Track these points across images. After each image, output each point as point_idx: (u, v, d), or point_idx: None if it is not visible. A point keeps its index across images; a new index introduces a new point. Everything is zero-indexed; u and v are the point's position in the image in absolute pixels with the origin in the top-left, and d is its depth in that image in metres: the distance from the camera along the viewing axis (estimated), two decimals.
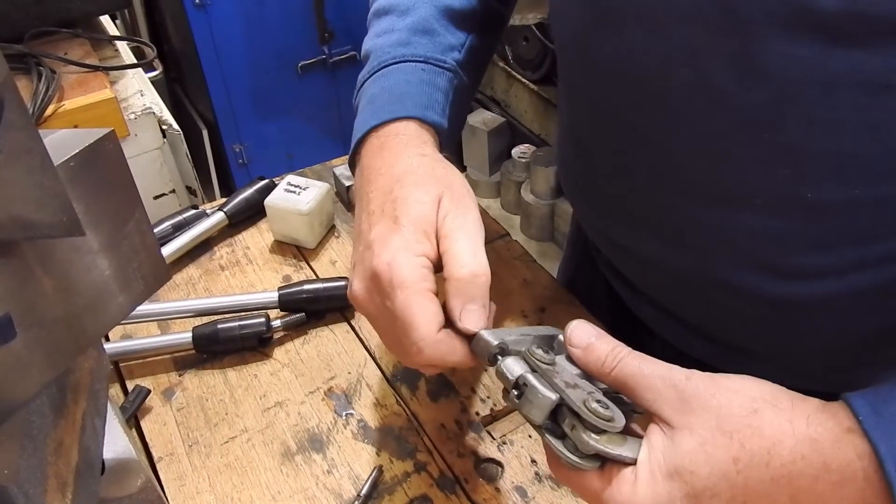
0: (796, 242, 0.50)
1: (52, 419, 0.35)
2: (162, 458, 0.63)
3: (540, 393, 0.42)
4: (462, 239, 0.48)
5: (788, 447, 0.39)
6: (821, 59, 0.41)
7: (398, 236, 0.48)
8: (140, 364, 0.71)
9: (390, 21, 0.64)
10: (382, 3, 0.65)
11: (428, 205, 0.49)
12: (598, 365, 0.44)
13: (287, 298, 0.73)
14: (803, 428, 0.39)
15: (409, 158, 0.53)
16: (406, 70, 0.60)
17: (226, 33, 2.05)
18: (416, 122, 0.56)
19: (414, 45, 0.61)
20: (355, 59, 2.25)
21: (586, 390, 0.42)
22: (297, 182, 0.82)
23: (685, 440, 0.40)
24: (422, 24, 0.62)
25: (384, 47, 0.62)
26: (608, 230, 0.64)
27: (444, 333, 0.46)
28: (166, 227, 0.82)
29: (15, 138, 0.26)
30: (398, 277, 0.46)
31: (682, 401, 0.41)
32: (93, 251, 0.34)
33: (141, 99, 1.17)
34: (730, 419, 0.40)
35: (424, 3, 0.63)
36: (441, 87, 0.60)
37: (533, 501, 0.58)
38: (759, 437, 0.40)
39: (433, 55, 0.61)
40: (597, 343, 0.44)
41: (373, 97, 0.59)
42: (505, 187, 2.49)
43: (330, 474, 0.61)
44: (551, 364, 0.44)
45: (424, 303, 0.46)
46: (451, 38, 0.63)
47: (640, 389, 0.42)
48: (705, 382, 0.42)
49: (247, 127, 2.24)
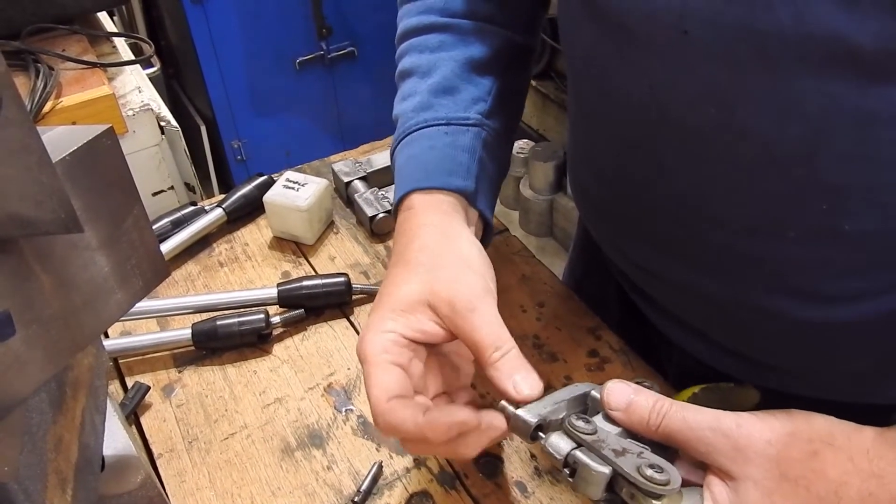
0: (831, 269, 0.49)
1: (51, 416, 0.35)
2: (162, 455, 0.63)
3: (593, 469, 0.42)
4: (476, 320, 0.48)
5: (855, 487, 0.39)
6: (857, 96, 0.40)
7: (374, 315, 0.50)
8: (139, 361, 0.71)
9: (413, 84, 0.63)
10: (406, 65, 0.65)
11: (411, 285, 0.50)
12: (642, 424, 0.44)
13: (286, 295, 0.73)
14: (866, 465, 0.40)
15: (410, 234, 0.54)
16: (430, 136, 0.60)
17: (223, 29, 2.05)
18: (434, 192, 0.56)
19: (435, 107, 0.61)
20: (353, 54, 2.25)
21: (635, 453, 0.42)
22: (295, 178, 0.82)
23: (750, 492, 0.40)
24: (443, 83, 0.62)
25: (407, 112, 0.62)
26: (630, 252, 0.63)
27: (393, 401, 0.46)
28: (165, 223, 0.82)
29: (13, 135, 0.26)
30: (362, 353, 0.48)
31: (737, 450, 0.41)
32: (91, 248, 0.34)
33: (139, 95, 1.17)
34: (791, 464, 0.40)
35: (443, 60, 0.63)
36: (466, 147, 0.59)
37: (533, 496, 0.58)
38: (824, 481, 0.40)
39: (455, 115, 0.60)
40: (637, 401, 0.44)
41: (400, 167, 0.60)
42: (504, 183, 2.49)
43: (330, 470, 0.61)
44: (593, 433, 0.44)
45: (378, 374, 0.47)
46: (474, 90, 0.62)
47: (691, 443, 0.43)
48: (758, 427, 0.42)
49: (245, 123, 2.24)
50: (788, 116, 0.43)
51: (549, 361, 0.69)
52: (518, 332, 0.71)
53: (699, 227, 0.53)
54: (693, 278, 0.56)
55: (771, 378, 0.59)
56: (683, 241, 0.55)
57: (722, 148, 0.47)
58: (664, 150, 0.51)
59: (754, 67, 0.42)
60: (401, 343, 0.49)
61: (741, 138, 0.45)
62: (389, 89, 0.68)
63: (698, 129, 0.47)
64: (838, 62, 0.39)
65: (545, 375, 0.67)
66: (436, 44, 0.64)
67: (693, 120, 0.47)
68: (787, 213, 0.47)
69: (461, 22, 0.64)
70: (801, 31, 0.39)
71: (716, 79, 0.44)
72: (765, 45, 0.41)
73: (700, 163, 0.49)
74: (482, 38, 0.64)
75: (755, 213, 0.48)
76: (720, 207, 0.50)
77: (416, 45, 0.65)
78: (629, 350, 0.69)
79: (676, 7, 0.43)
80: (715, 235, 0.52)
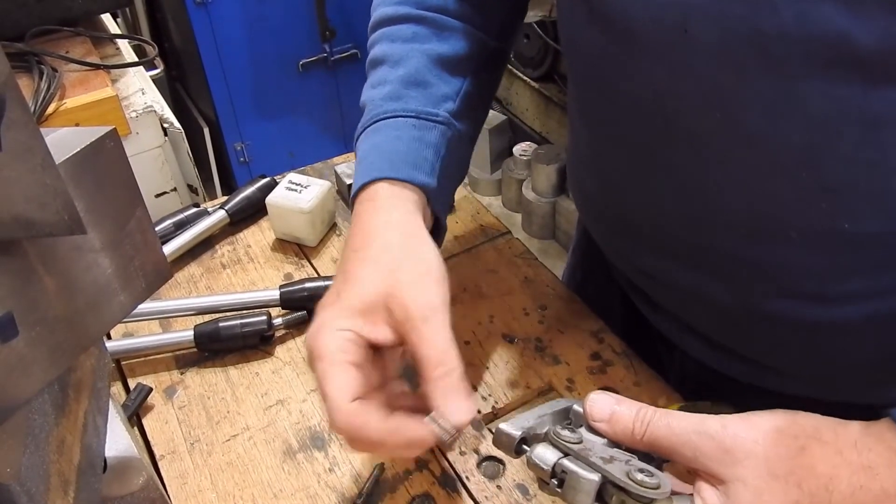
0: (834, 271, 0.49)
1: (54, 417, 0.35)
2: (164, 457, 0.63)
3: (581, 477, 0.42)
4: (427, 332, 0.47)
5: (846, 480, 0.39)
6: (861, 97, 0.40)
7: (330, 311, 0.49)
8: (142, 362, 0.71)
9: (384, 72, 0.62)
10: (377, 53, 0.64)
11: (371, 285, 0.49)
12: (627, 434, 0.44)
13: (289, 296, 0.73)
14: (854, 457, 0.40)
15: (371, 229, 0.53)
16: (397, 126, 0.59)
17: (227, 31, 2.05)
18: (398, 184, 0.55)
19: (405, 98, 0.60)
20: (356, 57, 2.25)
21: (623, 460, 0.42)
22: (298, 180, 0.82)
23: (740, 493, 0.40)
24: (414, 75, 0.60)
25: (376, 100, 0.61)
26: (632, 255, 0.63)
27: (356, 404, 0.46)
28: (168, 225, 0.82)
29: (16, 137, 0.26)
30: (317, 350, 0.48)
31: (724, 451, 0.41)
32: (94, 249, 0.34)
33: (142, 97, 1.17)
34: (779, 462, 0.40)
35: (416, 52, 0.61)
36: (432, 144, 0.58)
37: (535, 499, 0.58)
38: (814, 476, 0.40)
39: (424, 109, 0.59)
40: (620, 411, 0.44)
41: (364, 155, 0.58)
42: (506, 185, 2.49)
43: (332, 472, 0.61)
44: (579, 442, 0.44)
45: (337, 373, 0.46)
46: (444, 87, 0.61)
47: (677, 448, 0.42)
48: (743, 427, 0.41)
49: (248, 125, 2.24)
50: (792, 118, 0.43)
51: (551, 364, 0.69)
52: (521, 334, 0.71)
53: (702, 230, 0.52)
54: (694, 280, 0.56)
55: (772, 379, 0.59)
56: (685, 244, 0.55)
57: (725, 151, 0.47)
58: (668, 153, 0.51)
59: (757, 69, 0.42)
60: (358, 343, 0.48)
61: (745, 141, 0.45)
62: None
63: (702, 133, 0.47)
64: (842, 63, 0.39)
65: (547, 378, 0.67)
66: (409, 35, 0.63)
67: (697, 123, 0.47)
68: (790, 214, 0.47)
69: (436, 16, 0.63)
70: (805, 32, 0.39)
71: (719, 81, 0.44)
72: (768, 46, 0.41)
73: (704, 166, 0.49)
74: (456, 35, 0.63)
75: (758, 215, 0.48)
76: (723, 210, 0.50)
77: (389, 34, 0.64)
78: (631, 353, 0.69)
79: (679, 7, 0.43)
80: (718, 238, 0.52)
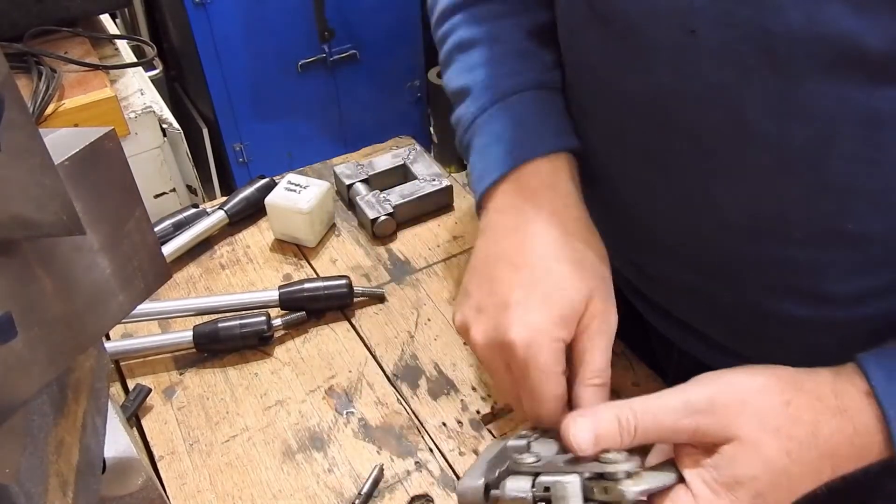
0: (836, 270, 0.49)
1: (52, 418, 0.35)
2: (163, 457, 0.63)
3: (565, 482, 0.42)
4: (600, 348, 0.50)
5: (826, 423, 0.42)
6: (866, 97, 0.40)
7: (542, 317, 0.49)
8: (141, 363, 0.71)
9: (482, 53, 0.61)
10: (462, 36, 0.62)
11: (579, 295, 0.50)
12: (619, 447, 0.44)
13: (287, 297, 0.73)
14: (832, 401, 0.42)
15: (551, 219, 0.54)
16: (528, 100, 0.58)
17: (226, 32, 2.05)
18: (555, 159, 0.56)
19: (524, 73, 0.59)
20: (355, 57, 2.25)
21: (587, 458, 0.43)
22: (297, 181, 0.82)
23: (737, 451, 0.42)
24: (520, 50, 0.60)
25: (491, 79, 0.59)
26: (631, 255, 0.63)
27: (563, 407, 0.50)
28: (167, 225, 0.82)
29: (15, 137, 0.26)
30: (534, 360, 0.49)
31: (715, 418, 0.42)
32: (93, 250, 0.34)
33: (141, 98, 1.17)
34: (770, 417, 0.42)
35: (510, 27, 0.61)
36: (563, 110, 0.59)
37: None
38: (801, 424, 0.42)
39: (544, 79, 0.59)
40: (602, 433, 0.44)
41: (500, 135, 0.57)
42: None
43: (331, 473, 0.61)
44: (539, 460, 0.45)
45: (555, 387, 0.49)
46: (547, 57, 0.61)
47: (671, 437, 0.44)
48: (729, 392, 0.43)
49: (247, 126, 2.24)
50: (796, 118, 0.43)
51: None
52: None
53: (702, 229, 0.52)
54: (694, 280, 0.56)
55: None
56: (686, 244, 0.55)
57: (729, 150, 0.47)
58: (670, 152, 0.51)
59: (762, 68, 0.42)
60: (563, 351, 0.50)
61: (748, 140, 0.45)
62: (391, 92, 0.67)
63: (704, 132, 0.47)
64: (848, 64, 0.39)
65: None
66: (494, 13, 0.62)
67: (699, 122, 0.47)
68: (793, 214, 0.47)
69: None
70: (812, 32, 0.39)
71: (723, 80, 0.44)
72: (774, 45, 0.41)
73: (706, 165, 0.49)
74: (534, 7, 0.62)
75: (761, 214, 0.48)
76: (725, 209, 0.50)
77: (469, 17, 0.63)
78: (630, 353, 0.69)
79: (684, 7, 0.43)
80: (719, 237, 0.52)
